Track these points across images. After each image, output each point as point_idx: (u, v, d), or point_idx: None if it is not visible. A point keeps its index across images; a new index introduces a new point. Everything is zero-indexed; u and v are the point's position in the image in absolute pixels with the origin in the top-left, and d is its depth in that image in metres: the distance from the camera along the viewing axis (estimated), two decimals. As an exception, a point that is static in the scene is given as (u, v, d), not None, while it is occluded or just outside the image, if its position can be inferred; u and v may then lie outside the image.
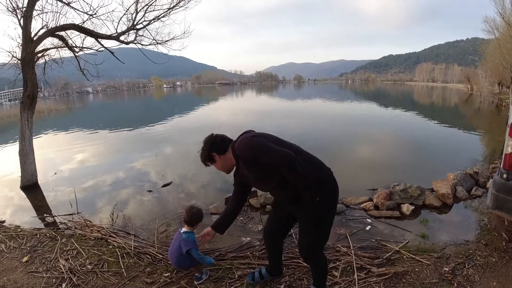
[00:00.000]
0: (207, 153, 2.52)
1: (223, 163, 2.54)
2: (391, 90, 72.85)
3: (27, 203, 6.11)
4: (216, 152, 2.50)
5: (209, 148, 2.51)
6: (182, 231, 3.08)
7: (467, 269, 3.12)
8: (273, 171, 2.26)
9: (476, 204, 4.96)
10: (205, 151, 2.53)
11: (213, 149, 2.50)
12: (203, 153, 2.55)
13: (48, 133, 16.48)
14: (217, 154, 2.50)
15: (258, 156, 2.23)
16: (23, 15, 6.33)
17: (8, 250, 3.85)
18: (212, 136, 2.57)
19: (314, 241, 2.48)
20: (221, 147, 2.50)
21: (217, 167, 2.60)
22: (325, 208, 2.35)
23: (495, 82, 42.80)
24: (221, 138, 2.55)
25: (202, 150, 2.57)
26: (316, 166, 2.36)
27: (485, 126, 15.83)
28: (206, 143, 2.53)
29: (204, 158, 2.56)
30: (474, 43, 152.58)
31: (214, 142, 2.52)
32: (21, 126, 6.65)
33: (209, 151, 2.51)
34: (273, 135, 2.44)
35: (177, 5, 8.06)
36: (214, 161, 2.54)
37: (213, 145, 2.51)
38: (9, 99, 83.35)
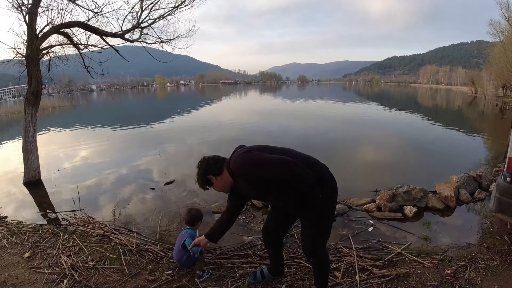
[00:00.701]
0: (204, 177, 2.52)
1: (221, 184, 2.54)
2: (395, 92, 72.65)
3: (30, 199, 6.13)
4: (212, 175, 2.50)
5: (204, 172, 2.51)
6: (184, 230, 3.29)
7: (469, 272, 3.11)
8: (274, 181, 2.25)
9: (479, 207, 4.94)
10: (201, 175, 2.53)
11: (208, 172, 2.50)
12: (200, 178, 2.55)
13: (52, 130, 16.54)
14: (213, 177, 2.50)
15: (258, 171, 2.22)
16: (28, 11, 6.34)
17: (10, 245, 3.87)
18: (204, 159, 2.56)
19: (317, 237, 2.48)
20: (216, 169, 2.50)
21: (216, 189, 2.60)
22: (327, 204, 2.35)
23: (499, 85, 42.64)
24: (213, 160, 2.55)
25: (197, 175, 2.56)
26: (312, 165, 2.34)
27: (489, 129, 15.78)
28: (201, 168, 2.53)
29: (202, 182, 2.56)
30: (479, 46, 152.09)
31: (208, 165, 2.52)
32: (25, 123, 6.67)
33: (204, 174, 2.51)
34: (264, 144, 2.45)
35: (182, 3, 8.06)
36: (212, 183, 2.54)
37: (208, 168, 2.50)
38: (13, 95, 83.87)
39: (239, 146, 2.49)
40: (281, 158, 2.18)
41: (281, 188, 2.29)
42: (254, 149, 2.33)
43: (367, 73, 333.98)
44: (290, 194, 2.31)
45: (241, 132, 13.66)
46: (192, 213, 3.32)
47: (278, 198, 2.47)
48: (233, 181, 2.49)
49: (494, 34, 33.89)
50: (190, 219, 3.29)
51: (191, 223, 3.30)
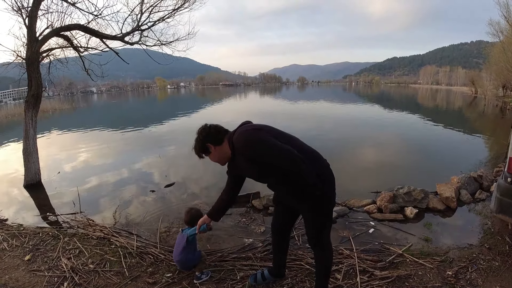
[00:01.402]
0: (202, 144, 2.42)
1: (219, 155, 2.45)
2: (395, 93, 72.64)
3: (30, 201, 6.14)
4: (212, 143, 2.40)
5: (204, 139, 2.41)
6: (183, 231, 3.20)
7: (470, 273, 3.10)
8: (275, 169, 2.22)
9: (480, 207, 4.93)
10: (200, 142, 2.42)
11: (208, 140, 2.40)
12: (198, 144, 2.44)
13: (52, 133, 16.56)
14: (212, 145, 2.40)
15: (260, 152, 2.18)
16: (28, 14, 6.36)
17: (11, 248, 3.86)
18: (206, 126, 2.46)
19: (320, 229, 2.48)
20: (217, 138, 2.41)
21: (213, 159, 2.50)
22: (325, 200, 2.34)
23: (499, 85, 42.59)
24: (215, 128, 2.45)
25: (196, 141, 2.45)
26: (315, 160, 2.33)
27: (489, 129, 15.77)
28: (201, 134, 2.43)
29: (199, 149, 2.45)
30: (479, 46, 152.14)
31: (209, 133, 2.42)
32: (25, 125, 6.68)
33: (204, 142, 2.41)
34: (272, 126, 2.41)
35: (181, 6, 8.09)
36: (209, 152, 2.44)
37: (208, 136, 2.40)
38: (14, 98, 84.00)
39: (246, 122, 2.46)
40: (289, 150, 2.14)
41: (280, 176, 2.28)
42: (262, 129, 2.29)
43: (367, 74, 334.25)
44: (287, 185, 2.31)
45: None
46: (192, 213, 3.23)
47: (274, 185, 2.46)
48: (231, 156, 2.43)
49: (493, 34, 33.89)
50: (190, 219, 3.20)
51: (191, 223, 3.18)
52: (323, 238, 2.52)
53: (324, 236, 2.52)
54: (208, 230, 2.94)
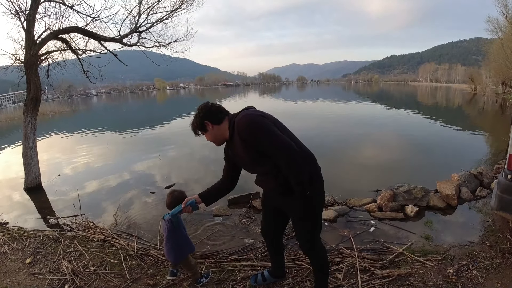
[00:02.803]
0: (200, 120, 2.38)
1: (215, 134, 2.41)
2: (395, 91, 72.65)
3: (31, 204, 6.14)
4: (210, 121, 2.36)
5: (204, 116, 2.37)
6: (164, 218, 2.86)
7: (471, 271, 3.09)
8: (269, 158, 2.20)
9: (480, 205, 4.92)
10: (199, 118, 2.38)
11: (207, 117, 2.36)
12: (196, 120, 2.40)
13: (52, 135, 16.56)
14: (210, 123, 2.36)
15: (261, 138, 2.14)
16: (26, 18, 6.36)
17: (11, 251, 3.86)
18: (208, 104, 2.43)
19: (310, 233, 2.45)
20: (217, 117, 2.37)
21: (209, 138, 2.45)
22: (314, 203, 2.32)
23: (498, 82, 42.59)
24: (217, 108, 2.42)
25: (195, 117, 2.42)
26: (310, 161, 2.31)
27: (489, 126, 15.76)
28: (201, 111, 2.38)
29: (196, 125, 2.41)
30: (478, 43, 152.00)
31: (209, 110, 2.38)
32: (24, 128, 6.68)
33: (202, 118, 2.37)
34: (276, 119, 2.36)
35: (179, 7, 8.07)
36: (206, 130, 2.40)
37: (208, 113, 2.37)
38: (13, 101, 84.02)
39: (250, 106, 2.42)
40: (290, 144, 2.12)
41: (273, 167, 2.25)
42: (267, 118, 2.26)
43: (366, 73, 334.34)
44: (278, 176, 2.26)
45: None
46: (174, 195, 2.87)
47: (264, 176, 2.42)
48: (229, 138, 2.40)
49: (492, 31, 33.90)
50: (172, 202, 2.80)
51: (173, 206, 2.76)
52: (315, 241, 2.50)
53: (316, 239, 2.50)
54: (195, 208, 2.65)
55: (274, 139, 2.12)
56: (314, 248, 2.52)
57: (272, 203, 2.62)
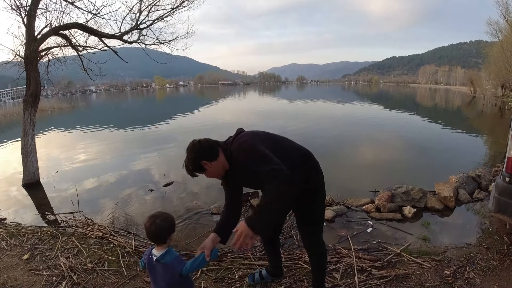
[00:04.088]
0: (197, 162, 2.22)
1: (215, 171, 2.27)
2: (394, 92, 72.75)
3: (29, 201, 6.13)
4: (207, 160, 2.20)
5: (198, 157, 2.20)
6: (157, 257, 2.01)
7: (468, 273, 3.10)
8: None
9: (478, 207, 4.93)
10: (193, 160, 2.22)
11: (202, 157, 2.20)
12: (191, 163, 2.24)
13: (51, 132, 16.54)
14: (208, 162, 2.21)
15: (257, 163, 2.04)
16: (26, 13, 6.35)
17: (9, 247, 3.86)
18: (196, 143, 2.26)
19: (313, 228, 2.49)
20: (212, 153, 2.22)
21: (209, 175, 2.31)
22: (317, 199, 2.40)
23: (498, 85, 42.66)
24: (208, 143, 2.25)
25: (188, 160, 2.26)
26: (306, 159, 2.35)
27: (488, 129, 15.80)
28: (192, 152, 2.22)
29: (192, 168, 2.25)
30: (478, 46, 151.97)
31: (202, 149, 2.21)
32: (23, 124, 6.67)
33: (198, 159, 2.21)
34: (267, 135, 2.34)
35: (180, 5, 8.08)
36: (205, 170, 2.24)
37: (202, 152, 2.21)
38: (12, 97, 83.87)
39: (240, 130, 2.35)
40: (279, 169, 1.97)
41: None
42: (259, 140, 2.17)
43: (366, 74, 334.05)
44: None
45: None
46: (157, 224, 1.97)
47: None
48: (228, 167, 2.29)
49: (492, 33, 34.00)
50: (158, 233, 1.99)
51: (160, 238, 2.01)
52: (318, 236, 2.53)
53: (318, 234, 2.54)
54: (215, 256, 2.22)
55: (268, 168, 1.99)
56: (318, 244, 2.55)
57: None
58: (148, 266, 2.06)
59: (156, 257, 2.00)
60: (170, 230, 2.02)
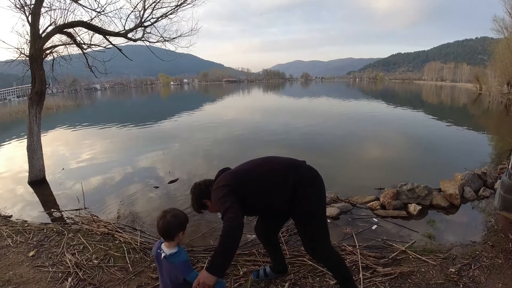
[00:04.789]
0: (198, 201, 2.57)
1: (216, 206, 2.47)
2: (399, 89, 72.38)
3: (35, 198, 6.18)
4: (207, 198, 2.53)
5: (199, 197, 2.56)
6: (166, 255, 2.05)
7: (473, 270, 3.09)
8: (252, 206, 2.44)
9: (483, 205, 4.91)
10: (196, 200, 2.58)
11: (202, 197, 2.55)
12: (194, 203, 2.60)
13: (57, 129, 16.63)
14: (208, 200, 2.53)
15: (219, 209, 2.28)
16: (31, 12, 6.38)
17: (15, 244, 3.89)
18: (196, 185, 2.61)
19: (314, 236, 2.47)
20: (209, 192, 2.52)
21: (212, 211, 2.63)
22: (313, 202, 2.39)
23: (504, 82, 42.32)
24: (205, 184, 2.59)
25: (192, 200, 2.62)
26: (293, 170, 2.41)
27: (494, 127, 15.70)
28: (194, 193, 2.58)
29: (197, 207, 2.62)
30: (484, 42, 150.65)
31: (201, 190, 2.57)
32: (29, 122, 6.71)
33: (199, 199, 2.56)
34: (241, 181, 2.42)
35: (184, 2, 8.08)
36: (207, 206, 2.58)
37: (201, 193, 2.56)
38: (18, 95, 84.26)
39: (224, 169, 2.63)
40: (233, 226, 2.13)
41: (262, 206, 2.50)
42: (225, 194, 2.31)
43: (371, 70, 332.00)
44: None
45: (245, 131, 13.65)
46: (167, 219, 2.02)
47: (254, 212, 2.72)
48: None
49: (498, 30, 33.82)
50: (166, 229, 2.02)
51: (167, 234, 2.04)
52: (319, 245, 2.51)
53: (321, 242, 2.50)
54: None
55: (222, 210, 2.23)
56: (316, 252, 2.56)
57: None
58: (156, 259, 2.14)
59: (165, 254, 2.04)
60: (179, 227, 2.05)
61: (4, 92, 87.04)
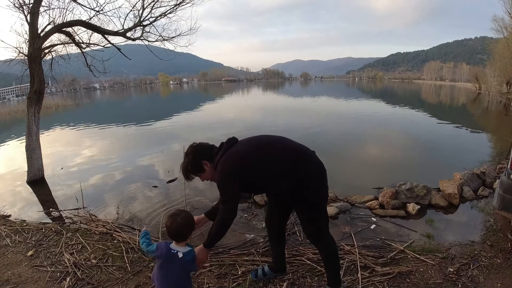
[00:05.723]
0: (197, 162, 2.34)
1: (211, 172, 2.37)
2: (399, 89, 72.42)
3: (33, 197, 6.17)
4: (208, 160, 2.34)
5: (199, 157, 2.34)
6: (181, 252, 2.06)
7: (472, 270, 3.09)
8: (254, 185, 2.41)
9: (482, 204, 4.91)
10: (194, 160, 2.34)
11: (204, 157, 2.34)
12: (191, 164, 2.36)
13: (55, 129, 16.60)
14: (208, 162, 2.35)
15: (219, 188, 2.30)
16: (30, 11, 6.36)
17: (13, 244, 3.89)
18: (197, 144, 2.42)
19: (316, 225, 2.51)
20: (211, 154, 2.36)
21: (205, 178, 2.44)
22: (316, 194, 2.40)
23: (503, 82, 42.34)
24: (207, 145, 2.43)
25: (187, 161, 2.36)
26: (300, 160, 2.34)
27: (493, 126, 15.72)
28: (192, 153, 2.35)
29: (192, 169, 2.37)
30: (483, 42, 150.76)
31: (203, 149, 2.38)
32: (28, 122, 6.70)
33: (199, 159, 2.34)
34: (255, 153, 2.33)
35: (183, 1, 8.06)
36: (204, 170, 2.38)
37: (203, 153, 2.36)
38: (17, 94, 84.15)
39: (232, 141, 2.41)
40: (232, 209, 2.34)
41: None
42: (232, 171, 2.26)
43: (370, 70, 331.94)
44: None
45: (244, 130, 13.61)
46: (178, 222, 2.05)
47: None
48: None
49: (497, 30, 33.84)
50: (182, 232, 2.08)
51: (181, 236, 2.09)
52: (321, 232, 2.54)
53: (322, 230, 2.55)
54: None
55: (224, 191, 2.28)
56: (320, 241, 2.58)
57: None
58: (165, 259, 2.06)
59: (180, 252, 2.06)
60: (191, 228, 2.14)
61: (3, 91, 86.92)
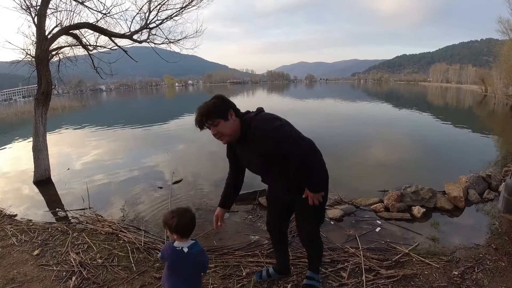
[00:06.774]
0: (224, 107, 2.12)
1: (233, 128, 2.15)
2: (404, 91, 72.15)
3: (40, 197, 6.22)
4: (235, 110, 2.15)
5: (227, 104, 2.15)
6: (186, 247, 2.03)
7: (477, 273, 3.08)
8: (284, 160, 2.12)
9: (488, 207, 4.87)
10: (221, 105, 2.12)
11: (231, 106, 2.15)
12: (217, 104, 2.12)
13: (62, 130, 16.72)
14: (234, 113, 2.14)
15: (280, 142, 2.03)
16: (37, 13, 6.43)
17: (20, 243, 3.92)
18: (221, 95, 2.21)
19: (315, 227, 2.56)
20: (237, 110, 2.20)
21: (223, 128, 2.13)
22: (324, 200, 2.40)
23: (509, 84, 41.99)
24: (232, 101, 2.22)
25: (215, 101, 2.13)
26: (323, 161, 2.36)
27: (499, 129, 15.60)
28: (223, 98, 2.16)
29: (216, 110, 2.10)
30: (489, 44, 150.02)
31: (228, 99, 2.17)
32: (35, 122, 6.75)
33: (227, 106, 2.13)
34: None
35: (189, 4, 8.12)
36: (227, 119, 2.12)
37: (232, 104, 2.17)
38: (23, 95, 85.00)
39: (261, 109, 2.29)
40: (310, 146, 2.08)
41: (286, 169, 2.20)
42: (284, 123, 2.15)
43: (376, 72, 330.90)
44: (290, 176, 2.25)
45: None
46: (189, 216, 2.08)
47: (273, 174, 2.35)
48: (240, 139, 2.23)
49: (503, 32, 33.64)
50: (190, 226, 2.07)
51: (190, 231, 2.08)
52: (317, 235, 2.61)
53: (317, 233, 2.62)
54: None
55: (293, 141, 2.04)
56: (314, 241, 2.63)
57: (278, 195, 2.67)
58: (172, 258, 2.03)
59: (185, 247, 2.01)
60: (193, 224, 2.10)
61: (10, 92, 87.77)
